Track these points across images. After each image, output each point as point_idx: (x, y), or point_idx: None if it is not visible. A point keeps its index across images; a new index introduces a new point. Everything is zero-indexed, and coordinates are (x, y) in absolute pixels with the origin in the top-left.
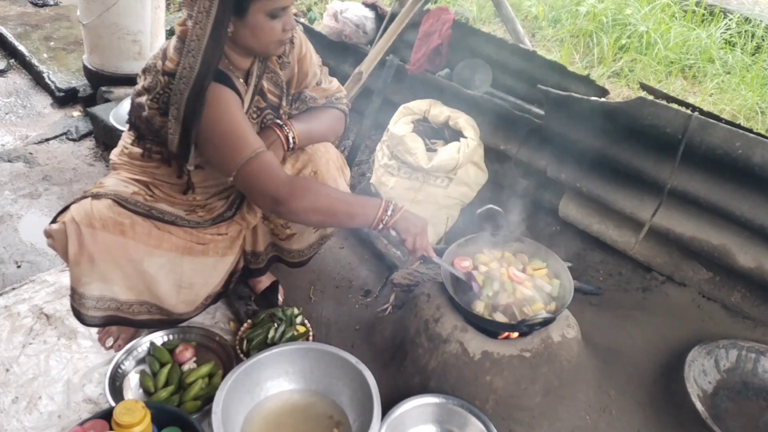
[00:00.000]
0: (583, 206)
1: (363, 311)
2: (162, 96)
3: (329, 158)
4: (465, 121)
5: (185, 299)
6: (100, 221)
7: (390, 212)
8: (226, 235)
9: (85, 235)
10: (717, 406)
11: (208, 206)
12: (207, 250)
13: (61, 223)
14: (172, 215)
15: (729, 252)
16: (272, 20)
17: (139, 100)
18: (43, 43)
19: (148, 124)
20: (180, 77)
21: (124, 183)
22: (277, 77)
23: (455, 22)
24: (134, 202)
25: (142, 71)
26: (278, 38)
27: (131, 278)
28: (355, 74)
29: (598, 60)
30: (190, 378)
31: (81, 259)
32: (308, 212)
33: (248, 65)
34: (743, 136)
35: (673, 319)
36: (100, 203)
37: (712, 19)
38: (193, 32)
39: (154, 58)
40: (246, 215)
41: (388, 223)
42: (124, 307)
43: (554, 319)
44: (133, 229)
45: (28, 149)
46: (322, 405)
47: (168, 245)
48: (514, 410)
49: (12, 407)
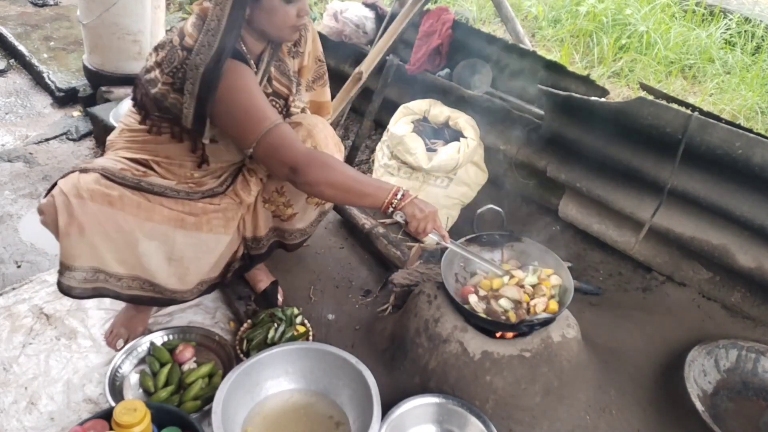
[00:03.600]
0: (583, 206)
1: (363, 311)
2: (179, 70)
3: (327, 134)
4: (465, 121)
5: (176, 272)
6: (88, 192)
7: (399, 196)
8: (219, 206)
9: (74, 205)
10: (717, 406)
11: (199, 182)
12: (200, 224)
13: (50, 196)
14: (162, 186)
15: (729, 252)
16: (287, 4)
17: (149, 75)
18: (43, 43)
19: (157, 101)
20: (197, 53)
21: (113, 161)
22: (284, 66)
23: (455, 22)
24: (122, 176)
25: (154, 48)
26: (292, 23)
27: (122, 251)
28: (355, 74)
29: (598, 60)
30: (190, 378)
31: (71, 229)
32: (324, 184)
33: (260, 50)
34: (743, 136)
35: (673, 319)
36: (87, 176)
37: (712, 19)
38: (213, 12)
39: (168, 36)
40: (240, 192)
41: (397, 207)
42: (113, 280)
43: (554, 319)
44: (121, 201)
45: (28, 149)
46: (322, 405)
47: (159, 217)
48: (514, 410)
49: (12, 407)
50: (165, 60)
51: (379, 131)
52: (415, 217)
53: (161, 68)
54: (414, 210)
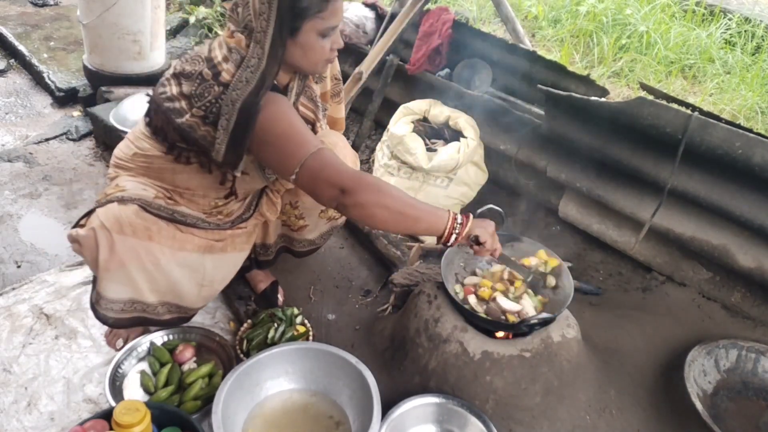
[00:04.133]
0: (583, 206)
1: (363, 311)
2: (213, 105)
3: (346, 154)
4: (465, 121)
5: (205, 296)
6: (131, 227)
7: (460, 221)
8: (245, 229)
9: (117, 241)
10: (717, 406)
11: (226, 210)
12: (225, 247)
13: (89, 228)
14: (194, 218)
15: (729, 252)
16: (323, 39)
17: (173, 105)
18: (43, 43)
19: (183, 131)
20: (234, 89)
21: (142, 186)
22: (311, 92)
23: (455, 22)
24: (157, 206)
25: (174, 76)
26: (326, 57)
27: (156, 281)
28: (355, 74)
29: (598, 60)
30: (190, 378)
31: (111, 265)
32: (375, 206)
33: (288, 81)
34: (743, 136)
35: (673, 319)
36: (127, 209)
37: (712, 19)
38: (254, 50)
39: (193, 64)
40: (265, 212)
41: (461, 233)
42: (150, 309)
43: (554, 319)
44: (159, 234)
45: (28, 149)
46: (322, 405)
47: (191, 246)
48: (514, 410)
49: (12, 407)
50: (195, 94)
51: (379, 131)
52: (488, 233)
53: (190, 101)
54: (484, 226)
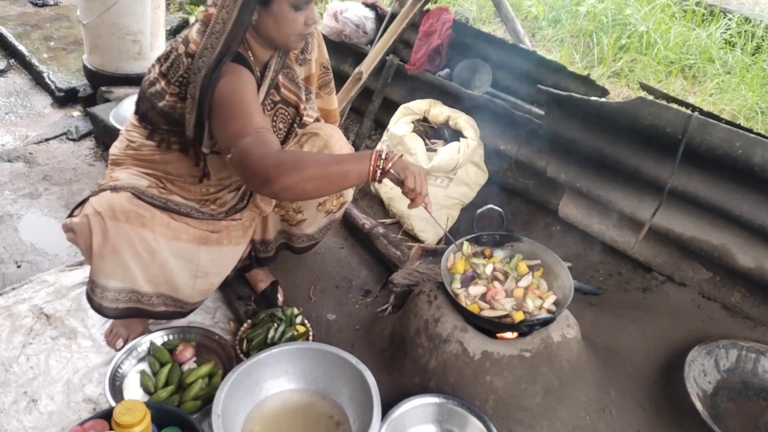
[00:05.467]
0: (583, 206)
1: (363, 311)
2: (185, 79)
3: (342, 145)
4: (465, 121)
5: (200, 289)
6: (123, 213)
7: (384, 157)
8: (240, 221)
9: (110, 227)
10: (717, 406)
11: (219, 200)
12: (221, 239)
13: (83, 216)
14: (187, 207)
15: (729, 252)
16: (296, 12)
17: (154, 88)
18: (43, 43)
19: (165, 114)
20: (200, 56)
21: (136, 176)
22: (293, 73)
23: (455, 22)
24: (151, 194)
25: (157, 60)
26: (299, 31)
27: (151, 270)
28: (355, 74)
29: (598, 60)
30: (190, 378)
31: (105, 251)
32: (302, 183)
33: (267, 58)
34: (743, 136)
35: (673, 319)
36: (120, 196)
37: (712, 19)
38: (218, 16)
39: (170, 46)
40: (259, 203)
41: (385, 168)
42: (145, 299)
43: (554, 319)
44: (153, 221)
45: (28, 149)
46: (322, 405)
47: (185, 236)
48: (514, 410)
49: (12, 407)
50: (170, 70)
51: (379, 131)
52: (409, 170)
53: (167, 79)
54: (405, 164)
